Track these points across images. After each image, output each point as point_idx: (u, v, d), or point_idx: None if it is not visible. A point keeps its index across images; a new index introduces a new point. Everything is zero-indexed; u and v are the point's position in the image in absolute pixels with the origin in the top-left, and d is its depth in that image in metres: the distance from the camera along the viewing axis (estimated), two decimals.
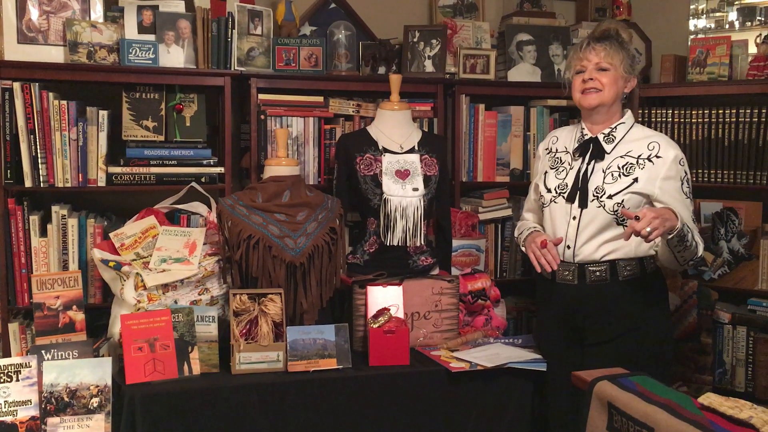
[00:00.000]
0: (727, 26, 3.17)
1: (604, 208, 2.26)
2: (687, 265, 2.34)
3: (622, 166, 2.28)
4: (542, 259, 2.31)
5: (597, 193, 2.28)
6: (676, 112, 3.06)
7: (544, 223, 2.42)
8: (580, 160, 2.35)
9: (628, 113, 2.38)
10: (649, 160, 2.26)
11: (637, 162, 2.26)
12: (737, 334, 2.94)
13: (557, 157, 2.43)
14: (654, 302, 2.32)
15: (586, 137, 2.36)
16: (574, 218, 2.30)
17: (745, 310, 2.96)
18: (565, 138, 2.46)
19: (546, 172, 2.44)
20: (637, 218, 2.01)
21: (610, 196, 2.26)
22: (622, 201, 2.24)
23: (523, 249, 2.48)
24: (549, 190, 2.39)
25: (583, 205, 2.29)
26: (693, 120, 3.03)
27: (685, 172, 2.27)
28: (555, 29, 3.31)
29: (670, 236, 2.07)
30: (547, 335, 2.48)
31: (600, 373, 1.81)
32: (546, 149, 2.51)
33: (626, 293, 2.28)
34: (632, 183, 2.25)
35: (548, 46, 3.25)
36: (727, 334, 2.96)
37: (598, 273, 2.29)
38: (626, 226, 2.21)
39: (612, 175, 2.28)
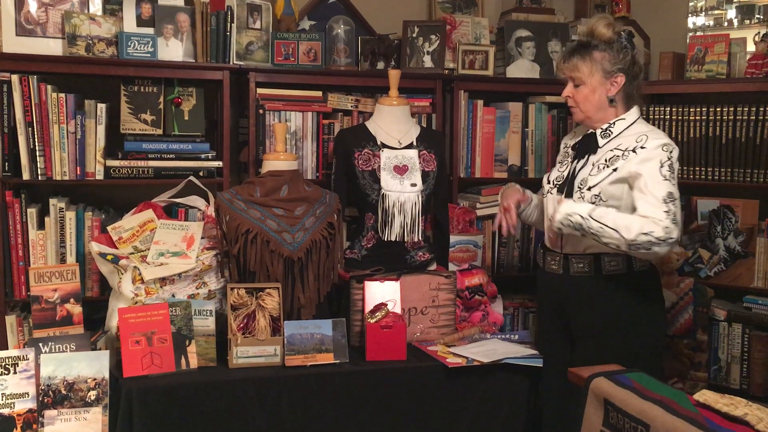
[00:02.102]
0: (725, 24, 3.17)
1: (583, 199, 2.25)
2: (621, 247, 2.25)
3: (609, 159, 2.26)
4: (502, 220, 2.36)
5: (581, 185, 2.28)
6: (674, 109, 3.07)
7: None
8: (578, 154, 2.36)
9: (634, 110, 2.31)
10: (633, 151, 2.22)
11: (623, 154, 2.24)
12: (733, 332, 2.96)
13: (565, 152, 2.46)
14: (642, 301, 2.27)
15: (588, 132, 2.37)
16: None
17: (740, 308, 2.97)
18: (578, 134, 2.46)
19: (554, 166, 2.47)
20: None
21: (590, 188, 2.26)
22: (599, 193, 2.23)
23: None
24: (548, 182, 2.43)
25: (569, 196, 2.30)
26: (691, 118, 3.04)
27: (669, 158, 2.18)
28: (554, 25, 3.31)
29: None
30: (541, 325, 2.51)
31: (596, 370, 1.82)
32: (563, 144, 2.53)
33: (610, 289, 2.26)
34: (611, 173, 2.23)
35: (547, 43, 3.25)
36: (723, 331, 2.98)
37: (581, 265, 2.29)
38: None
39: (598, 167, 2.27)
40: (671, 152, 2.20)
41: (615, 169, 2.22)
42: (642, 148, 2.21)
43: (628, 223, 2.10)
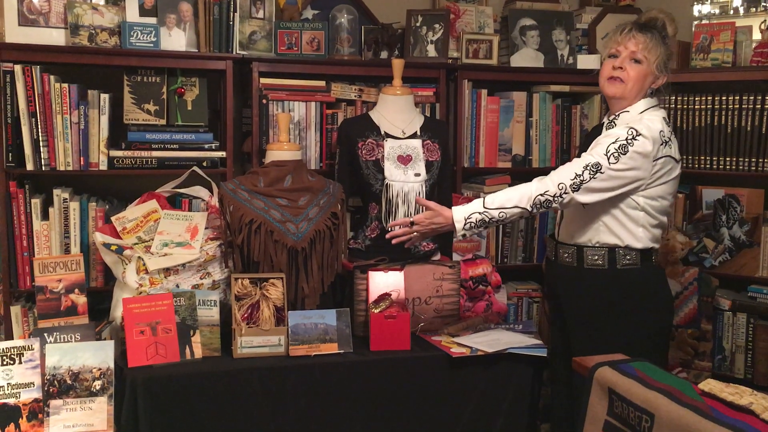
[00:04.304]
0: (731, 12, 3.15)
1: None
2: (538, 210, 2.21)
3: None
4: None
5: None
6: (679, 98, 3.05)
7: None
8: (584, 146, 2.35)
9: (642, 102, 2.24)
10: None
11: None
12: (737, 321, 2.95)
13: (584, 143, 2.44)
14: (647, 296, 2.21)
15: (597, 124, 2.36)
16: None
17: (745, 297, 2.97)
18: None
19: None
20: (413, 223, 2.24)
21: None
22: None
23: None
24: None
25: None
26: (696, 106, 3.02)
27: (626, 139, 2.10)
28: (558, 14, 3.29)
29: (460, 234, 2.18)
30: (552, 318, 2.51)
31: (600, 359, 1.81)
32: (584, 136, 2.51)
33: (592, 283, 2.22)
34: None
35: (551, 31, 3.24)
36: (727, 320, 2.97)
37: (566, 255, 2.28)
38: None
39: None
40: (636, 136, 2.11)
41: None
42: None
43: (520, 195, 2.14)
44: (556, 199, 2.13)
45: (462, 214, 2.17)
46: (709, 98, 2.99)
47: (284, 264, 2.42)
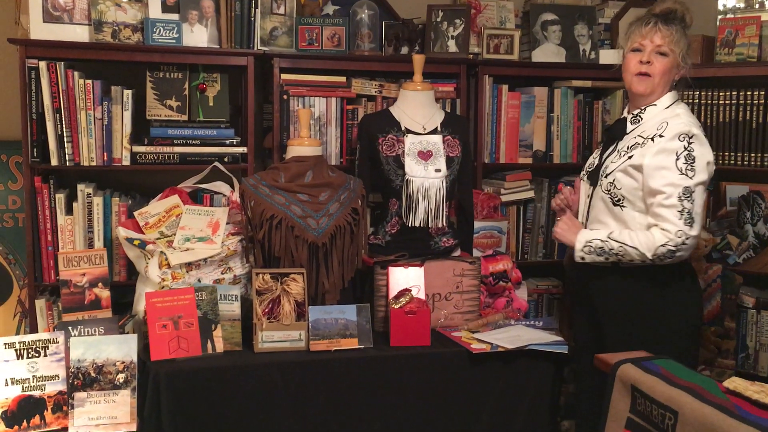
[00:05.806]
0: (756, 6, 3.10)
1: (601, 187, 2.23)
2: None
3: (630, 146, 2.20)
4: (556, 200, 2.42)
5: (603, 172, 2.24)
6: (703, 93, 3.02)
7: None
8: (608, 140, 2.33)
9: (668, 96, 2.23)
10: (652, 140, 2.15)
11: (643, 142, 2.17)
12: (761, 319, 2.92)
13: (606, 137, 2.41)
14: (657, 296, 2.19)
15: (619, 117, 2.33)
16: (588, 197, 2.30)
17: None
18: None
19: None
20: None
21: (607, 175, 2.22)
22: (614, 180, 2.18)
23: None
24: (583, 169, 2.39)
25: (593, 184, 2.27)
26: (720, 102, 2.99)
27: (686, 147, 2.08)
28: (580, 9, 3.26)
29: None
30: (576, 317, 2.49)
31: (624, 356, 1.80)
32: (606, 129, 2.48)
33: (627, 281, 2.20)
34: (625, 161, 2.17)
35: (573, 26, 3.21)
36: (751, 318, 2.94)
37: None
38: (623, 207, 2.18)
39: (620, 153, 2.22)
40: (690, 139, 2.10)
41: (631, 156, 2.17)
42: (660, 137, 2.14)
43: (644, 239, 2.11)
44: (680, 247, 2.08)
45: (585, 236, 2.21)
46: (733, 93, 2.95)
47: (305, 259, 2.43)
